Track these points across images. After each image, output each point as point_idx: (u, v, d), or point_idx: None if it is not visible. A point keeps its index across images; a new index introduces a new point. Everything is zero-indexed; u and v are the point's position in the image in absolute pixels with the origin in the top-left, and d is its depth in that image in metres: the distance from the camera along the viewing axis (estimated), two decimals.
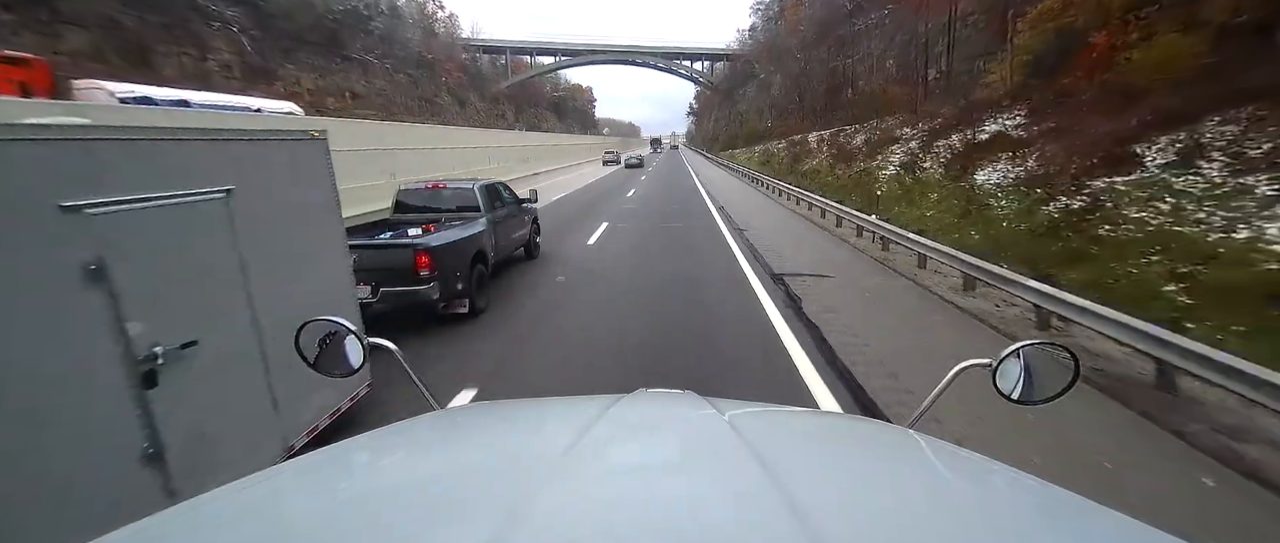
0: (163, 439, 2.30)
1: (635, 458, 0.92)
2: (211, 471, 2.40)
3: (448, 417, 1.25)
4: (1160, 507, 3.00)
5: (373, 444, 1.00)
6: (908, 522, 0.66)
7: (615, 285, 7.71)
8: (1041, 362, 1.14)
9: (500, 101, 71.11)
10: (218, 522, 0.69)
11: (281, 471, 0.86)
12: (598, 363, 5.02)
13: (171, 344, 2.35)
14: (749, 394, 4.28)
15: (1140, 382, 4.50)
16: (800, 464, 0.86)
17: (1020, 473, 0.84)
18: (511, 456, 0.94)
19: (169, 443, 2.32)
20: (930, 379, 1.24)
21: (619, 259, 9.49)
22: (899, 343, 5.48)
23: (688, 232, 13.12)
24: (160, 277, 2.38)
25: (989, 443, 3.40)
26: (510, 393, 4.29)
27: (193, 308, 2.52)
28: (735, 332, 5.81)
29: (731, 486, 0.72)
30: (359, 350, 1.26)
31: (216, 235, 2.66)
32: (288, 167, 3.23)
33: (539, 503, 0.63)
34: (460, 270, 5.76)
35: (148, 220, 2.31)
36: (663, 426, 1.11)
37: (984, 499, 0.81)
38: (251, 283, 2.81)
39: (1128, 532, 0.65)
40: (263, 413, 2.89)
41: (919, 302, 7.15)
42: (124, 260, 2.17)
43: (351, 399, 3.60)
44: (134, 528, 0.64)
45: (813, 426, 1.30)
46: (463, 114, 58.14)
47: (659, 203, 20.28)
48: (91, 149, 2.14)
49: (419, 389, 1.26)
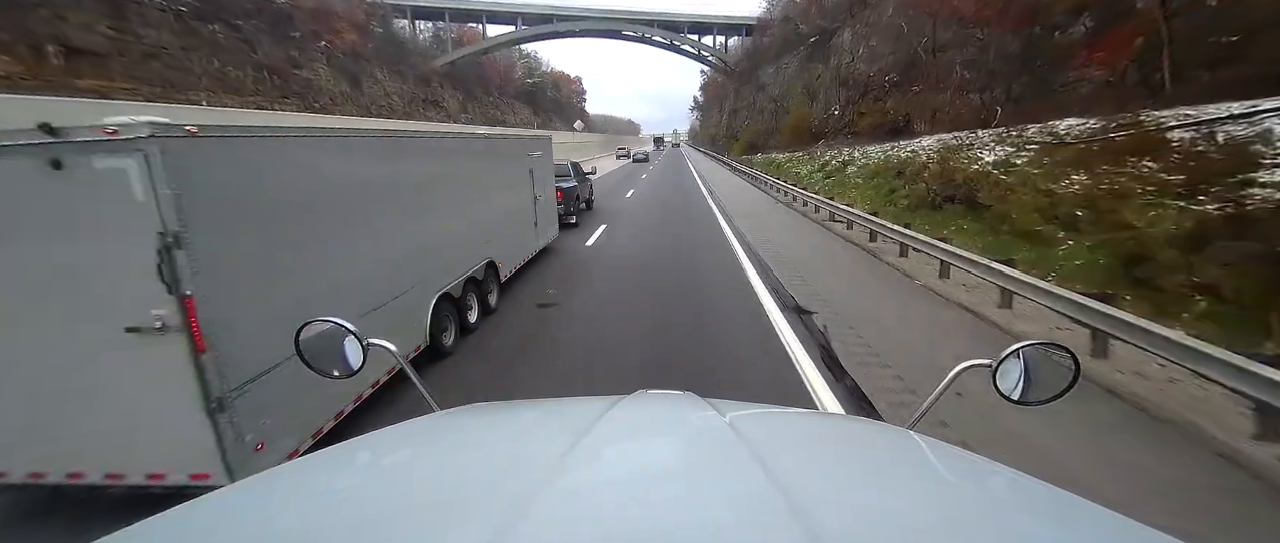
0: (539, 219, 8.89)
1: (635, 459, 0.92)
2: (548, 227, 9.54)
3: (448, 417, 1.26)
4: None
5: (373, 445, 1.02)
6: (908, 523, 0.66)
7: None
8: (1041, 362, 1.15)
9: (437, 84, 51.37)
10: (219, 522, 0.70)
11: (282, 472, 0.88)
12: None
13: (540, 196, 8.88)
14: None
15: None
16: (801, 466, 0.86)
17: (1020, 474, 0.84)
18: (511, 457, 0.94)
19: (539, 220, 8.80)
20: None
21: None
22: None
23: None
24: (539, 177, 8.90)
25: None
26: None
27: (533, 191, 8.54)
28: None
29: (732, 487, 0.72)
30: (358, 351, 1.29)
31: (526, 174, 8.35)
32: (547, 153, 9.59)
33: (539, 504, 0.64)
34: (570, 202, 12.68)
35: (543, 164, 9.26)
36: (663, 427, 1.12)
37: (983, 500, 0.81)
38: (535, 189, 8.57)
39: (1127, 533, 0.65)
40: (531, 231, 8.45)
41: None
42: (534, 173, 8.66)
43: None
44: (135, 529, 0.65)
45: (813, 427, 1.30)
46: (357, 97, 38.42)
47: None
48: (540, 142, 9.48)
49: (419, 390, 1.33)
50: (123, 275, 2.46)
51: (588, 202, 15.63)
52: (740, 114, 58.82)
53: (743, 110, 57.46)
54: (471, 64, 60.30)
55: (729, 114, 67.29)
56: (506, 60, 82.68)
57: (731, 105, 65.06)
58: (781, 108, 42.76)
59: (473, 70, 60.92)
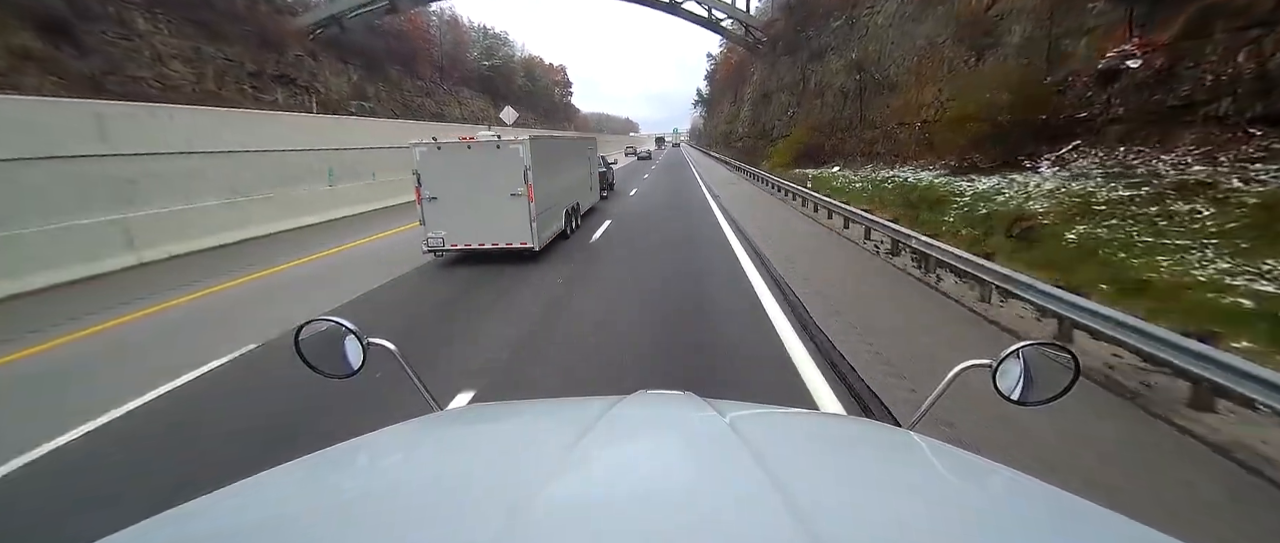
0: (592, 187, 15.62)
1: (635, 460, 0.91)
2: (594, 194, 16.17)
3: (448, 418, 1.28)
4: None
5: (373, 445, 1.01)
6: (908, 524, 0.66)
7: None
8: (1041, 362, 1.13)
9: (304, 55, 32.07)
10: (219, 522, 0.70)
11: (282, 471, 0.86)
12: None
13: (597, 168, 16.84)
14: None
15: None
16: (801, 466, 0.86)
17: (1020, 475, 0.83)
18: (511, 457, 0.93)
19: (592, 187, 15.69)
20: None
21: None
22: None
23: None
24: (593, 162, 16.10)
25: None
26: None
27: (590, 170, 15.44)
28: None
29: (732, 488, 0.72)
30: (358, 350, 1.29)
31: (586, 157, 14.86)
32: (595, 149, 17.12)
33: (539, 505, 0.63)
34: (602, 182, 18.27)
35: (593, 155, 16.22)
36: (663, 427, 1.11)
37: (984, 501, 0.81)
38: (587, 166, 14.77)
39: (1127, 533, 0.65)
40: (592, 188, 15.30)
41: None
42: (590, 159, 15.53)
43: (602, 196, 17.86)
44: (135, 529, 0.65)
45: (813, 427, 1.27)
46: (71, 63, 19.17)
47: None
48: (590, 143, 17.00)
49: (419, 389, 1.31)
50: (512, 178, 8.65)
51: (610, 183, 20.48)
52: (776, 101, 39.39)
53: (782, 94, 38.04)
54: (379, 32, 41.14)
55: (753, 101, 47.91)
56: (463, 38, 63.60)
57: (759, 89, 45.61)
58: (879, 79, 23.38)
59: (384, 41, 41.79)
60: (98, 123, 10.34)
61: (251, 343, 5.59)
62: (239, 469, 0.90)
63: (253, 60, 28.23)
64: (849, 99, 26.28)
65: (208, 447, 3.71)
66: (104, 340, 6.08)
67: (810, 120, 30.52)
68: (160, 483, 3.28)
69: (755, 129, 44.95)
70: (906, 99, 20.76)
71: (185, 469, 3.42)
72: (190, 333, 6.17)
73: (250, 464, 0.91)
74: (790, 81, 36.20)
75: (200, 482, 0.90)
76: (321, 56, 34.13)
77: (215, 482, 0.80)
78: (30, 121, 9.32)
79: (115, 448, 3.78)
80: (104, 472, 3.48)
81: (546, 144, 10.13)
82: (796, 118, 33.44)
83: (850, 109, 25.79)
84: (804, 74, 33.62)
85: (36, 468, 3.56)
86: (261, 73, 28.55)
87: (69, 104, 11.04)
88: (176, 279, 8.74)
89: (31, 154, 9.10)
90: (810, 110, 31.41)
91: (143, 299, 7.62)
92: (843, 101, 27.20)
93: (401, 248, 10.48)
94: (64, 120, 9.91)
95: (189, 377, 4.85)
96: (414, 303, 7.19)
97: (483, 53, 64.22)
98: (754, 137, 44.50)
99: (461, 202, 8.65)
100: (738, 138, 53.83)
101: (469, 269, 8.76)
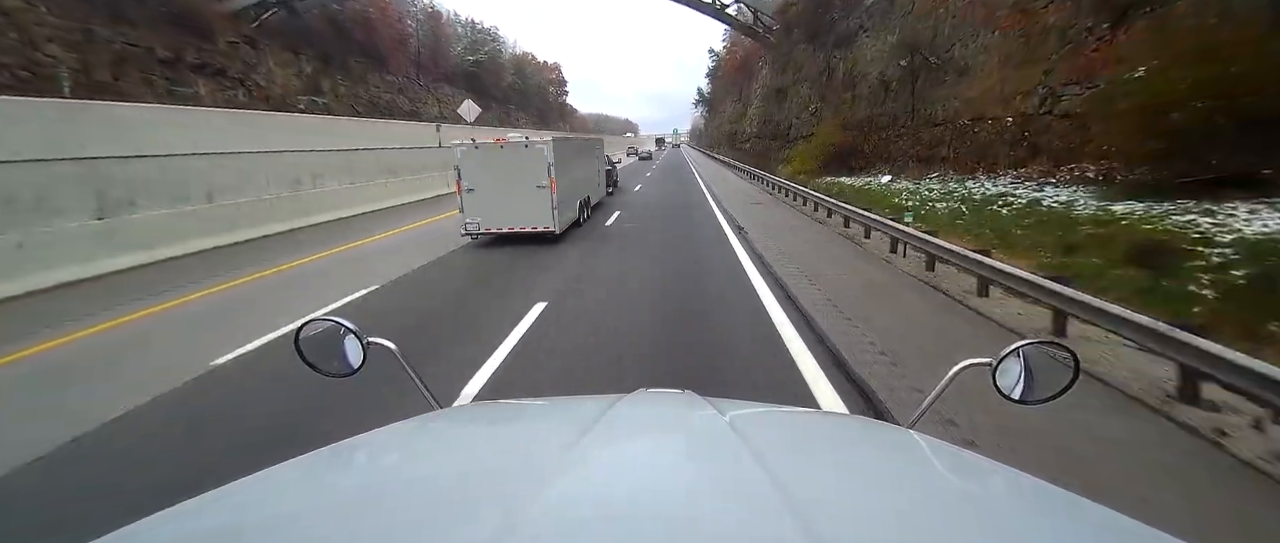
0: (599, 182, 17.07)
1: (635, 459, 0.90)
2: (601, 189, 17.47)
3: (448, 417, 1.27)
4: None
5: (373, 444, 1.00)
6: (907, 522, 0.65)
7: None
8: (1041, 361, 1.11)
9: (240, 42, 27.10)
10: (218, 522, 0.70)
11: (282, 470, 0.85)
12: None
13: (604, 166, 18.68)
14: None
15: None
16: (801, 465, 0.85)
17: (1020, 474, 0.82)
18: (511, 456, 0.93)
19: (599, 182, 17.14)
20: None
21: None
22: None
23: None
24: (600, 159, 17.85)
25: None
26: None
27: (598, 167, 17.17)
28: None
29: (732, 487, 0.72)
30: (358, 350, 1.27)
31: (595, 155, 16.62)
32: (603, 148, 19.06)
33: (538, 504, 0.63)
34: (608, 178, 19.40)
35: (601, 154, 18.34)
36: (663, 426, 1.10)
37: (983, 500, 0.80)
38: (597, 163, 16.73)
39: (1127, 533, 0.64)
40: (599, 183, 16.72)
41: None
42: (598, 157, 17.43)
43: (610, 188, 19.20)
44: (135, 528, 0.65)
45: (813, 426, 1.27)
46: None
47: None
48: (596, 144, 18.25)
49: (419, 389, 1.28)
50: (538, 173, 10.19)
51: (614, 181, 20.92)
52: (794, 96, 34.44)
53: (801, 87, 33.07)
54: (339, 20, 36.25)
55: (764, 97, 42.98)
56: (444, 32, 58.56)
57: (771, 84, 40.66)
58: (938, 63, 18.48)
59: (347, 30, 36.87)
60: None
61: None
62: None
63: (167, 46, 23.30)
64: (892, 90, 21.33)
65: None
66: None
67: (840, 117, 25.57)
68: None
69: (768, 129, 40.00)
70: (985, 87, 15.82)
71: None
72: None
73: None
74: (812, 72, 31.25)
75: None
76: (264, 45, 29.15)
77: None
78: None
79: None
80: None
81: (564, 144, 11.88)
82: (822, 114, 28.49)
83: (896, 102, 20.84)
84: (829, 63, 28.67)
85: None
86: (178, 61, 23.61)
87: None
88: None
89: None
90: (839, 105, 26.46)
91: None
92: (884, 93, 22.26)
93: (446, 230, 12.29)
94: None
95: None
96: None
97: (467, 48, 59.27)
98: (766, 137, 39.55)
99: (494, 192, 10.32)
100: (745, 139, 48.83)
101: (511, 249, 10.27)
